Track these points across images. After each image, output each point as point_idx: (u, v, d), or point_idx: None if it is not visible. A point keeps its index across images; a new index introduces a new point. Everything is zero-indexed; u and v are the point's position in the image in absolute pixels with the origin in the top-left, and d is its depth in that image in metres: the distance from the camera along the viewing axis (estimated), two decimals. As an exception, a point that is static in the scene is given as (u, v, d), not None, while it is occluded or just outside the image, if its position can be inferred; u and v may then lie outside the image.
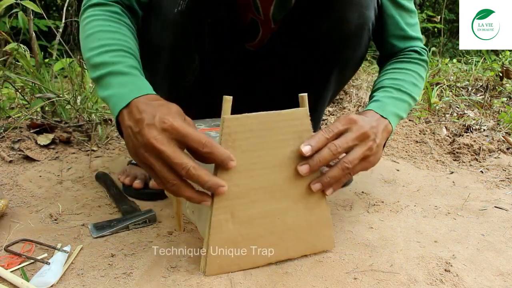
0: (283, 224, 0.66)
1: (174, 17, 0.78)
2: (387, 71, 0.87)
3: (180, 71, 0.89)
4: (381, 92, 0.81)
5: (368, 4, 0.81)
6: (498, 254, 0.71)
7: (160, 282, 0.61)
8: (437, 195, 0.98)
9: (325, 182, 0.64)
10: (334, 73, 0.92)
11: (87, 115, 1.45)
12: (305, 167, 0.63)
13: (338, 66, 0.91)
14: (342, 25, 0.82)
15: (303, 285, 0.61)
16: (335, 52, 0.87)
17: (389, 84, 0.82)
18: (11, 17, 1.72)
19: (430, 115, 1.68)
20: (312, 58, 0.91)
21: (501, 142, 1.34)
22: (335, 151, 0.63)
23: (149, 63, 0.85)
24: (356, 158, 0.65)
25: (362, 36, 0.85)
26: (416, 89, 0.85)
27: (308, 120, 0.65)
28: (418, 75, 0.87)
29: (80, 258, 0.67)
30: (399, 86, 0.82)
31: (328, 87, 0.96)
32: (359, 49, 0.88)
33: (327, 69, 0.92)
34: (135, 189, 0.93)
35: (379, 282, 0.62)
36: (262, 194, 0.63)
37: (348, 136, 0.64)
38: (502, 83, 2.09)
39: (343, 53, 0.88)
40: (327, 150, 0.62)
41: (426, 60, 0.91)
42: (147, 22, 0.83)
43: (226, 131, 0.59)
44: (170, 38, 0.82)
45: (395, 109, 0.77)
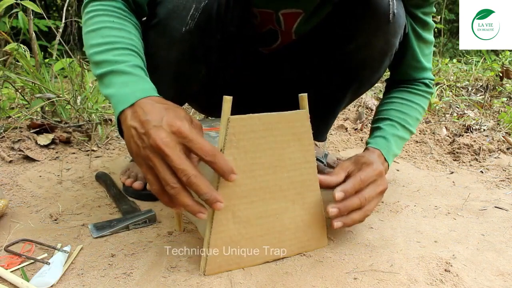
0: (281, 224, 0.66)
1: (181, 36, 0.76)
2: (395, 101, 0.91)
3: (186, 82, 0.88)
4: (388, 126, 0.86)
5: (395, 32, 0.81)
6: (498, 254, 0.71)
7: (160, 282, 0.61)
8: (437, 195, 0.98)
9: (346, 223, 0.69)
10: (350, 90, 0.94)
11: (87, 115, 1.45)
12: (335, 210, 0.67)
13: (355, 85, 0.93)
14: (368, 49, 0.83)
15: (303, 285, 0.61)
16: (354, 75, 0.89)
17: (396, 117, 0.87)
18: (11, 17, 1.72)
19: (430, 115, 1.68)
20: (328, 77, 0.92)
21: (501, 142, 1.34)
22: (364, 202, 0.69)
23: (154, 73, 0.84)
24: (373, 208, 0.72)
25: (384, 61, 0.87)
26: (417, 123, 0.91)
27: (308, 122, 0.66)
28: (422, 109, 0.92)
29: (80, 258, 0.67)
30: (405, 122, 0.87)
31: (342, 103, 0.98)
32: (379, 71, 0.90)
33: (344, 86, 0.93)
34: (134, 189, 0.93)
35: (379, 282, 0.62)
36: (262, 194, 0.64)
37: (376, 189, 0.71)
38: (502, 83, 2.09)
39: (363, 74, 0.89)
40: (357, 200, 0.68)
41: (432, 92, 0.95)
42: (150, 38, 0.80)
43: (231, 131, 0.59)
44: (176, 54, 0.80)
45: (396, 150, 0.84)
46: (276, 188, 0.65)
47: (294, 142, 0.65)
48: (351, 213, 0.69)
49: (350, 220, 0.69)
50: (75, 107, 1.45)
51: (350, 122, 1.62)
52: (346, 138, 1.47)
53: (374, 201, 0.71)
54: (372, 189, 0.70)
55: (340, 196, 0.67)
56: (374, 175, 0.71)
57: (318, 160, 1.06)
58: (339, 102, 0.98)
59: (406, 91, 0.92)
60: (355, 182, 0.69)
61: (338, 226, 0.68)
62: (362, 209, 0.69)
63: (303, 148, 0.66)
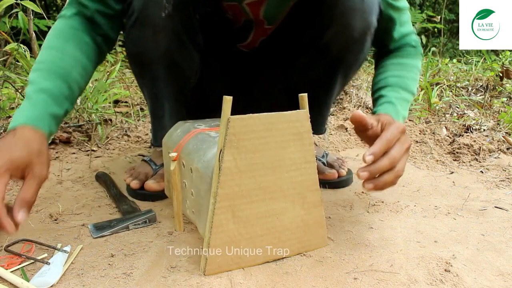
0: (281, 224, 0.66)
1: (163, 22, 0.78)
2: (389, 67, 0.90)
3: (181, 73, 0.89)
4: (389, 91, 0.84)
5: (371, 10, 0.82)
6: (498, 254, 0.71)
7: (160, 282, 0.61)
8: (437, 195, 0.98)
9: (378, 185, 0.67)
10: (337, 78, 0.94)
11: (87, 115, 1.45)
12: (366, 174, 0.65)
13: (341, 71, 0.92)
14: (347, 31, 0.83)
15: (303, 285, 0.61)
16: (338, 59, 0.89)
17: (396, 82, 0.86)
18: (11, 17, 1.72)
19: (430, 115, 1.68)
20: (314, 64, 0.92)
21: (501, 142, 1.34)
22: (394, 162, 0.67)
23: (147, 71, 0.85)
24: (404, 167, 0.69)
25: (365, 41, 0.86)
26: (416, 83, 0.90)
27: (309, 122, 0.66)
28: (417, 68, 0.91)
29: (80, 258, 0.67)
30: (405, 84, 0.86)
31: (333, 90, 0.98)
32: (362, 53, 0.89)
33: (330, 74, 0.93)
34: (132, 189, 0.93)
35: (379, 282, 0.62)
36: (262, 194, 0.64)
37: (403, 147, 0.69)
38: (502, 83, 2.09)
39: (346, 59, 0.89)
40: (387, 160, 0.66)
41: (421, 52, 0.94)
42: (135, 36, 0.82)
43: (231, 131, 0.59)
44: (164, 43, 0.81)
45: (404, 112, 0.83)
46: (276, 188, 0.65)
47: (294, 142, 0.65)
48: (382, 175, 0.67)
49: (381, 183, 0.67)
50: (75, 107, 1.45)
51: (350, 122, 1.62)
52: (346, 138, 1.47)
53: (403, 160, 0.69)
54: (399, 148, 0.68)
55: (370, 159, 0.65)
56: (398, 133, 0.69)
57: (318, 159, 1.06)
58: (330, 90, 0.97)
59: (395, 57, 0.92)
60: (382, 143, 0.67)
61: (369, 188, 0.66)
62: (393, 170, 0.68)
63: (303, 148, 0.66)
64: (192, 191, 0.70)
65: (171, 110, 0.92)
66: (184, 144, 0.73)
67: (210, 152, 0.66)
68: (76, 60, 0.77)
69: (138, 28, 0.80)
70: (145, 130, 1.50)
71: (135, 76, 0.93)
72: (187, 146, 0.72)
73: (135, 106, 1.74)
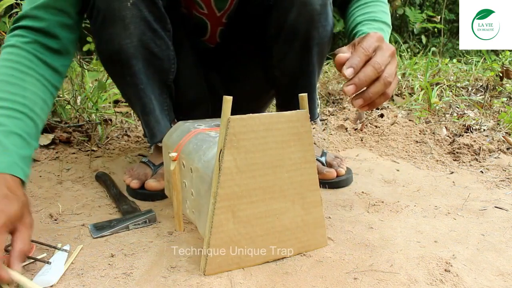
0: (281, 224, 0.66)
1: (130, 12, 0.78)
2: (353, 10, 0.90)
3: (161, 62, 0.88)
4: (362, 26, 0.83)
5: None
6: (498, 254, 0.71)
7: (160, 282, 0.61)
8: (437, 195, 0.98)
9: (367, 98, 0.62)
10: (313, 55, 0.93)
11: (87, 115, 1.45)
12: (351, 87, 0.60)
13: (314, 48, 0.91)
14: (308, 8, 0.84)
15: (303, 285, 0.61)
16: (308, 35, 0.88)
17: (364, 18, 0.85)
18: (11, 17, 1.72)
19: (430, 115, 1.68)
20: (288, 48, 0.92)
21: (501, 142, 1.34)
22: (379, 68, 0.61)
23: (127, 68, 0.84)
24: (393, 73, 0.64)
25: (327, 12, 0.88)
26: (387, 16, 0.88)
27: (309, 122, 0.66)
28: (383, 3, 0.91)
29: (80, 258, 0.67)
30: (374, 17, 0.84)
31: (313, 71, 0.97)
32: (328, 24, 0.90)
33: (306, 54, 0.92)
34: (132, 189, 0.93)
35: (379, 282, 0.62)
36: (262, 194, 0.64)
37: (385, 53, 0.63)
38: (502, 83, 2.09)
39: (315, 34, 0.88)
40: (371, 68, 0.61)
41: None
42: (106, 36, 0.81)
43: (231, 131, 0.59)
44: (137, 32, 0.81)
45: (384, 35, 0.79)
46: (276, 188, 0.65)
47: (294, 142, 0.65)
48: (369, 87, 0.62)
49: (371, 94, 0.62)
50: (75, 107, 1.45)
51: (350, 122, 1.62)
52: (346, 138, 1.47)
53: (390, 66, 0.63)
54: (380, 54, 0.63)
55: (351, 72, 0.60)
56: (374, 41, 0.64)
57: (317, 159, 1.06)
58: (310, 71, 0.96)
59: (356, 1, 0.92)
60: (359, 53, 0.62)
61: (359, 104, 0.62)
62: (381, 77, 0.62)
63: (303, 148, 0.66)
64: (192, 191, 0.70)
65: (159, 103, 0.92)
66: (184, 144, 0.73)
67: (210, 152, 0.66)
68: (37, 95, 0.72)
69: (108, 25, 0.79)
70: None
71: (116, 80, 0.92)
72: (187, 146, 0.72)
73: (135, 106, 1.74)
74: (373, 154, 1.30)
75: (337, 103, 1.93)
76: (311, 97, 1.02)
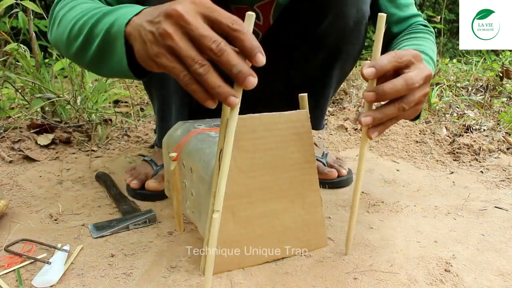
0: (281, 224, 0.66)
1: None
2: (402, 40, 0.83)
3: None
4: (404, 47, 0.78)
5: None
6: (498, 254, 0.71)
7: (160, 282, 0.61)
8: (437, 195, 0.98)
9: (377, 118, 0.54)
10: (334, 69, 0.94)
11: (87, 115, 1.45)
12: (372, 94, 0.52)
13: (339, 61, 0.92)
14: (342, 21, 0.84)
15: (303, 285, 0.61)
16: (335, 48, 0.89)
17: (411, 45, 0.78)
18: (11, 17, 1.72)
19: (430, 115, 1.68)
20: (312, 56, 0.92)
21: (501, 142, 1.34)
22: (412, 85, 0.52)
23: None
24: (413, 101, 0.54)
25: (360, 31, 0.87)
26: (434, 55, 0.78)
27: (309, 122, 0.66)
28: (432, 42, 0.82)
29: (80, 258, 0.67)
30: (423, 50, 0.75)
31: (330, 84, 0.97)
32: (358, 43, 0.90)
33: (328, 65, 0.93)
34: (132, 189, 0.93)
35: (379, 282, 0.62)
36: (262, 194, 0.64)
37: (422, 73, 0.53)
38: (502, 83, 2.09)
39: (342, 49, 0.89)
40: (402, 81, 0.52)
41: (432, 31, 0.88)
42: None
43: None
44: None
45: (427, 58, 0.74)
46: (276, 188, 0.65)
47: (294, 142, 0.65)
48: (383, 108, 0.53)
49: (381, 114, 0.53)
50: (75, 107, 1.45)
51: (350, 122, 1.62)
52: (346, 138, 1.47)
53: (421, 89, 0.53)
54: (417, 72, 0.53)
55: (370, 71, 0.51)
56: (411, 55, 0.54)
57: (318, 159, 1.06)
58: (328, 82, 0.97)
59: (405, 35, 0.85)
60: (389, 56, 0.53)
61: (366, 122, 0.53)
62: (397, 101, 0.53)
63: (303, 148, 0.66)
64: (192, 191, 0.70)
65: (178, 112, 0.92)
66: (184, 144, 0.73)
67: (210, 152, 0.66)
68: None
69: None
70: (145, 130, 1.50)
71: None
72: (187, 146, 0.72)
73: (135, 106, 1.74)
74: (373, 154, 1.30)
75: (337, 103, 1.93)
76: (320, 107, 1.03)
